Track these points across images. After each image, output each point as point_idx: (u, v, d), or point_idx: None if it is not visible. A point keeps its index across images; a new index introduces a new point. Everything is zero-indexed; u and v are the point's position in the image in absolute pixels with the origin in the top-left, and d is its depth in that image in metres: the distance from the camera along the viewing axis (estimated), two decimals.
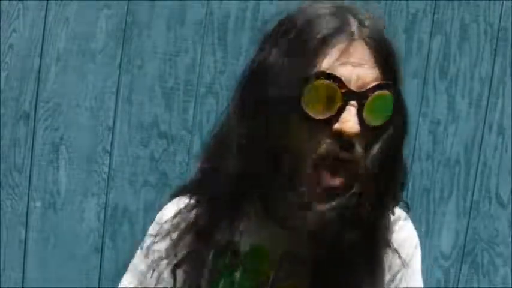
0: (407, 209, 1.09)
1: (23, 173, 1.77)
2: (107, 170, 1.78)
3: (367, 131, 0.92)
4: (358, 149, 0.91)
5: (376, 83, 0.92)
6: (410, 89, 1.81)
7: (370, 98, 0.91)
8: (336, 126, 0.90)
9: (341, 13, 0.95)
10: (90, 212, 1.78)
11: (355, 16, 0.96)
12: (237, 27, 1.78)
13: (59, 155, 1.77)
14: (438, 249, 1.85)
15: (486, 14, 1.82)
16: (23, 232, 1.78)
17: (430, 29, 1.82)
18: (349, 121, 0.90)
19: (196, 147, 1.79)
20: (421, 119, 1.82)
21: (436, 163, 1.84)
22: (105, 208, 1.79)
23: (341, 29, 0.92)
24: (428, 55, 1.82)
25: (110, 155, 1.78)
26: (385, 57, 0.95)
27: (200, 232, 1.03)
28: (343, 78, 0.90)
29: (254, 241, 1.01)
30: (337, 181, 0.91)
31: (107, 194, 1.79)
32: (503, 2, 1.83)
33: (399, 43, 1.81)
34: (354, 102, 0.90)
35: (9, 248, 1.78)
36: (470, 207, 1.85)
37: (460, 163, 1.84)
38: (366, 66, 0.92)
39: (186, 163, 1.78)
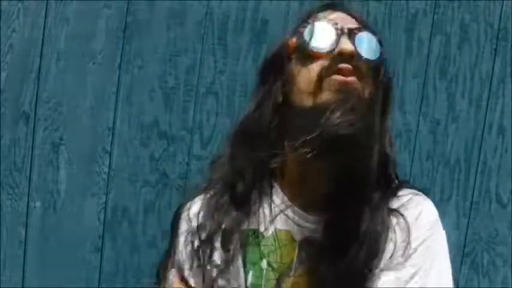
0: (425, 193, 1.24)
1: (23, 173, 1.77)
2: (107, 170, 1.78)
3: (361, 63, 1.14)
4: (360, 62, 1.14)
5: (361, 26, 1.18)
6: (410, 89, 1.82)
7: (358, 35, 1.16)
8: (336, 50, 1.14)
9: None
10: (90, 212, 1.78)
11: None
12: (237, 27, 1.78)
13: (59, 155, 1.77)
14: None
15: (486, 14, 1.82)
16: (23, 232, 1.78)
17: (430, 29, 1.82)
18: (345, 43, 1.14)
19: (196, 147, 1.79)
20: (421, 119, 1.82)
21: (436, 163, 1.84)
22: (105, 208, 1.79)
23: (325, 5, 1.23)
24: (428, 55, 1.82)
25: (110, 155, 1.78)
26: (367, 24, 1.22)
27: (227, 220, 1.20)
28: (335, 21, 1.17)
29: (278, 226, 1.18)
30: (349, 78, 1.12)
31: (107, 194, 1.79)
32: (503, 2, 1.83)
33: (399, 43, 1.81)
34: (345, 35, 1.15)
35: (9, 248, 1.78)
36: (470, 207, 1.85)
37: (460, 163, 1.84)
38: (350, 21, 1.19)
39: (186, 163, 1.78)
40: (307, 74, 1.14)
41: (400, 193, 1.21)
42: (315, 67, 1.14)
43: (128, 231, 1.79)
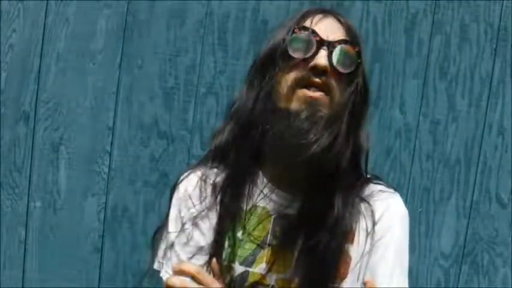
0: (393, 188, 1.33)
1: (23, 173, 1.77)
2: (107, 170, 1.78)
3: (335, 75, 1.24)
4: (332, 81, 1.23)
5: (343, 38, 1.27)
6: (410, 89, 1.82)
7: (337, 48, 1.25)
8: (311, 63, 1.24)
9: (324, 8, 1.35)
10: (90, 212, 1.78)
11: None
12: (237, 27, 1.78)
13: (59, 155, 1.77)
14: (438, 249, 1.85)
15: (486, 14, 1.82)
16: (23, 232, 1.78)
17: (430, 29, 1.82)
18: (320, 57, 1.23)
19: (196, 147, 1.79)
20: (421, 119, 1.82)
21: (436, 163, 1.84)
22: (105, 208, 1.79)
23: (318, 9, 1.32)
24: (428, 55, 1.82)
25: (110, 155, 1.78)
26: (352, 33, 1.29)
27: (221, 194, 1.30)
28: (318, 31, 1.25)
29: (257, 202, 1.29)
30: (316, 93, 1.23)
31: (107, 194, 1.79)
32: (503, 2, 1.83)
33: (399, 43, 1.81)
34: (325, 48, 1.24)
35: (9, 248, 1.78)
36: (470, 207, 1.85)
37: (460, 163, 1.84)
38: (336, 31, 1.27)
39: (186, 163, 1.78)
40: (284, 80, 1.25)
41: (371, 185, 1.32)
42: (292, 75, 1.24)
43: (128, 231, 1.79)
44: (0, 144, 1.76)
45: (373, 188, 1.31)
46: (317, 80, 1.23)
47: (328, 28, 1.27)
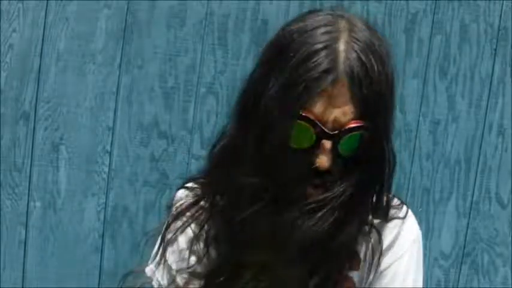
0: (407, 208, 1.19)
1: (23, 173, 1.77)
2: (107, 170, 1.78)
3: (342, 160, 1.05)
4: (334, 172, 1.05)
5: (350, 125, 1.03)
6: (410, 89, 1.82)
7: (343, 138, 1.03)
8: (312, 158, 1.04)
9: (332, 46, 1.03)
10: (90, 212, 1.78)
11: (346, 44, 1.04)
12: (237, 27, 1.78)
13: (59, 155, 1.77)
14: (438, 249, 1.85)
15: (486, 14, 1.82)
16: (23, 232, 1.78)
17: (430, 29, 1.82)
18: (321, 158, 1.04)
19: (196, 147, 1.79)
20: (421, 119, 1.82)
21: (436, 163, 1.84)
22: (105, 208, 1.79)
23: (328, 72, 1.02)
24: (428, 55, 1.82)
25: (110, 155, 1.78)
26: (367, 93, 1.04)
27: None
28: (319, 122, 1.03)
29: None
30: (315, 192, 1.05)
31: (107, 194, 1.79)
32: (503, 2, 1.83)
33: (399, 43, 1.81)
34: (326, 141, 1.03)
35: (9, 248, 1.78)
36: (470, 207, 1.85)
37: (460, 163, 1.85)
38: (345, 106, 1.03)
39: (186, 163, 1.78)
40: (279, 169, 1.06)
41: (384, 209, 1.17)
42: (288, 168, 1.05)
43: (128, 231, 1.79)
44: (0, 144, 1.75)
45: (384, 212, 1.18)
46: (318, 182, 1.05)
47: (336, 105, 1.03)
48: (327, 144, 1.04)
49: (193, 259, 1.17)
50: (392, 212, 1.18)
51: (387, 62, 1.06)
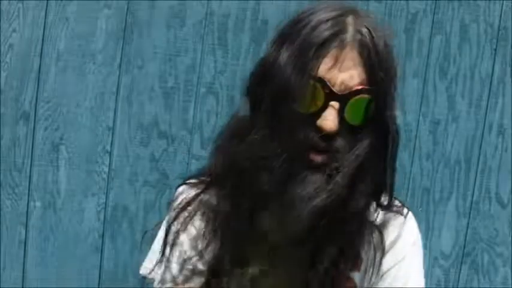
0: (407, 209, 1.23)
1: (23, 173, 1.77)
2: (107, 170, 1.78)
3: (348, 129, 1.08)
4: (340, 142, 1.08)
5: (357, 87, 1.07)
6: (410, 89, 1.82)
7: (350, 101, 1.07)
8: (318, 122, 1.07)
9: (341, 18, 1.10)
10: (90, 212, 1.78)
11: (354, 20, 1.10)
12: (237, 27, 1.78)
13: (59, 155, 1.77)
14: (438, 249, 1.86)
15: (486, 14, 1.82)
16: (23, 232, 1.78)
17: (430, 29, 1.82)
18: (328, 119, 1.07)
19: (196, 147, 1.79)
20: (421, 119, 1.82)
21: (436, 163, 1.84)
22: (105, 208, 1.79)
23: (336, 35, 1.08)
24: (428, 55, 1.82)
25: (110, 155, 1.78)
26: (374, 61, 1.09)
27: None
28: (328, 82, 1.06)
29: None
30: (319, 158, 1.07)
31: (107, 194, 1.79)
32: (503, 2, 1.83)
33: (399, 43, 1.81)
34: (335, 103, 1.07)
35: (9, 248, 1.78)
36: (470, 207, 1.86)
37: (460, 163, 1.85)
38: (352, 71, 1.08)
39: (186, 163, 1.78)
40: (285, 137, 1.08)
41: (384, 210, 1.20)
42: (294, 132, 1.07)
43: (128, 230, 1.79)
44: (0, 144, 1.75)
45: (385, 214, 1.20)
46: (324, 146, 1.07)
47: (343, 68, 1.07)
48: (335, 105, 1.07)
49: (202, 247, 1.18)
50: (392, 214, 1.21)
51: (391, 45, 1.12)
